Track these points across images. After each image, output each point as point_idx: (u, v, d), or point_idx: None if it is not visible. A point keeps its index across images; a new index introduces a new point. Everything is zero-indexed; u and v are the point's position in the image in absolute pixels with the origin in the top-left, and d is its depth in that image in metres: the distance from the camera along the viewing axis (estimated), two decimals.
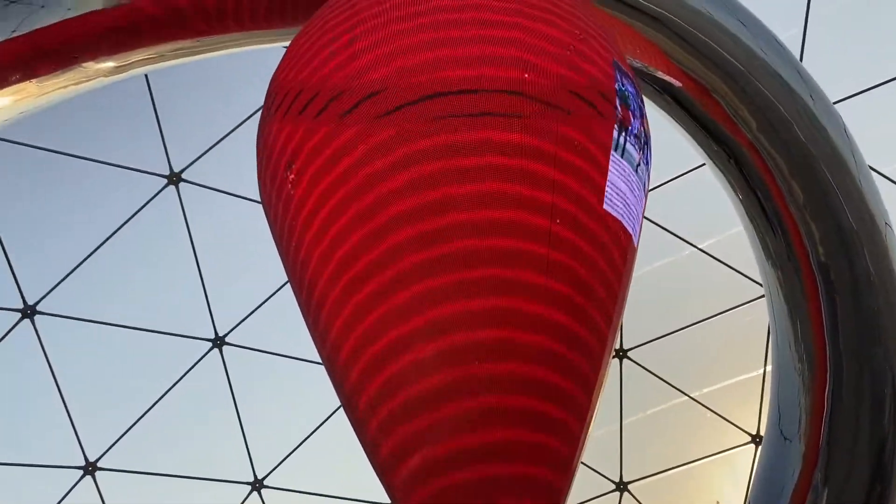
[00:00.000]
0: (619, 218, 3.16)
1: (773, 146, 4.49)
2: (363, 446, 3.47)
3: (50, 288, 9.52)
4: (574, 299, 3.02)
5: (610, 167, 3.07)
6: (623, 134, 3.21)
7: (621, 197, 3.16)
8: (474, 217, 2.97)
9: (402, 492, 3.14)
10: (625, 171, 3.17)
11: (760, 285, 10.25)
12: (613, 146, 3.12)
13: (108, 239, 9.73)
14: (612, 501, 11.78)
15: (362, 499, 12.22)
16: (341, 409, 9.93)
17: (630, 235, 3.29)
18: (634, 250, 3.33)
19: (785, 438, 3.84)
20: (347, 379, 3.39)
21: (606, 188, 3.07)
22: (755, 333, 11.78)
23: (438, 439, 2.97)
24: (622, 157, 3.21)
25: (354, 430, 3.54)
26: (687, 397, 11.50)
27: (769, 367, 11.05)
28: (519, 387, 2.95)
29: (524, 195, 2.96)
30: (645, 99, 3.76)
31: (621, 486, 11.79)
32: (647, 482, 12.02)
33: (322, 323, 3.53)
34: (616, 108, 3.24)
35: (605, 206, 3.12)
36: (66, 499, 9.60)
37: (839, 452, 3.81)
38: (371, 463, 3.45)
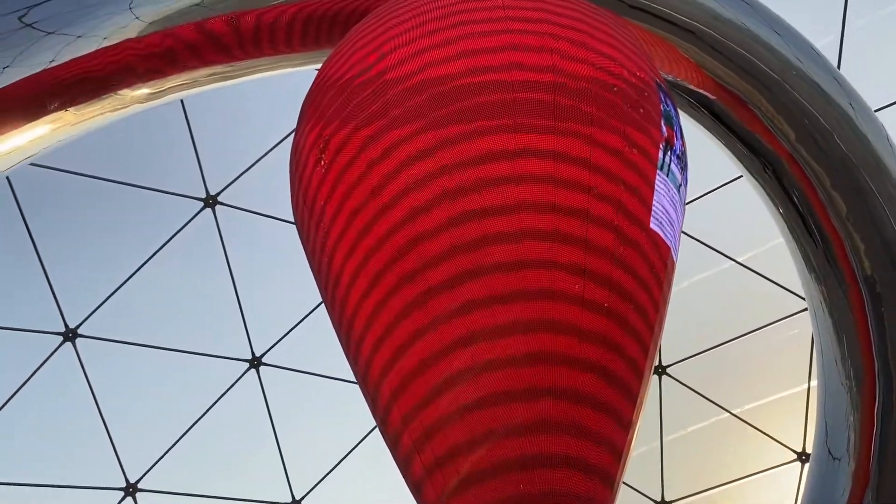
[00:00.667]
0: (663, 235, 3.15)
1: (813, 156, 4.39)
2: (397, 463, 3.44)
3: (91, 311, 9.68)
4: (618, 311, 2.98)
5: (656, 186, 3.08)
6: (668, 153, 3.21)
7: (665, 215, 3.15)
8: (513, 226, 2.95)
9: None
10: (669, 189, 3.17)
11: (802, 298, 10.05)
12: (659, 166, 3.13)
13: (146, 262, 9.89)
14: None
15: None
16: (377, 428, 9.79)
17: (670, 250, 3.27)
18: (674, 265, 3.31)
19: (833, 457, 3.72)
20: (381, 395, 3.37)
21: (653, 206, 3.07)
22: (798, 348, 11.51)
23: (474, 452, 2.93)
24: (667, 176, 3.22)
25: (388, 445, 3.52)
26: (728, 414, 11.25)
27: (814, 383, 10.79)
28: (560, 400, 2.91)
29: (578, 209, 2.96)
30: (680, 112, 3.73)
31: None
32: (689, 501, 11.76)
33: (354, 341, 3.52)
34: (662, 128, 3.25)
35: (652, 225, 3.11)
36: None
37: (890, 471, 3.68)
38: (406, 479, 3.41)
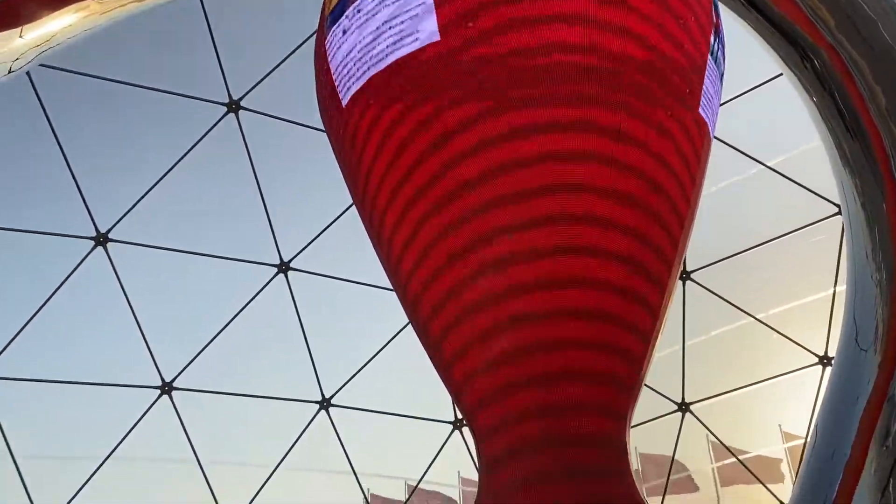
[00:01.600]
0: (708, 121, 3.15)
1: (855, 47, 4.22)
2: (427, 348, 3.51)
3: (120, 217, 9.82)
4: (648, 198, 2.97)
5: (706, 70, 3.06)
6: (717, 41, 3.19)
7: (709, 101, 3.14)
8: (549, 114, 2.91)
9: (462, 385, 3.17)
10: (714, 76, 3.15)
11: (830, 202, 9.95)
12: (710, 51, 3.10)
13: (174, 166, 9.93)
14: (675, 422, 11.80)
15: (423, 416, 12.58)
16: (403, 332, 10.03)
17: (710, 139, 3.26)
18: (709, 149, 3.31)
19: (861, 349, 3.75)
20: (411, 287, 3.42)
21: (702, 90, 3.06)
22: (824, 254, 11.45)
23: (502, 335, 2.98)
24: (715, 62, 3.20)
25: (418, 333, 3.58)
26: (752, 318, 11.32)
27: (840, 288, 10.79)
28: (585, 286, 2.93)
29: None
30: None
31: (683, 407, 11.79)
32: (710, 403, 11.98)
33: (386, 237, 3.56)
34: (713, 14, 3.21)
35: (700, 110, 3.10)
36: (145, 416, 10.09)
37: None
38: (434, 362, 3.48)
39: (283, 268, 10.98)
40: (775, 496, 11.55)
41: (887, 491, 3.84)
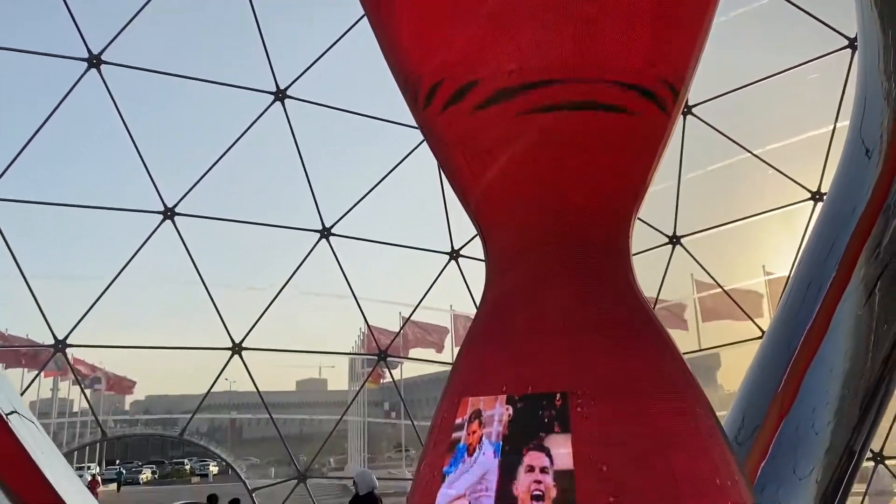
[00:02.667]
0: None
1: None
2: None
3: (113, 36, 9.55)
4: None
5: None
6: None
7: None
8: None
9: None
10: None
11: (834, 30, 9.76)
12: None
13: None
14: (664, 254, 12.16)
15: (419, 246, 12.90)
16: (403, 163, 9.91)
17: None
18: None
19: (866, 150, 3.84)
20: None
21: None
22: (824, 90, 11.38)
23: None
24: None
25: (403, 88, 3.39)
26: (749, 154, 11.39)
27: (840, 124, 10.78)
28: None
29: None
30: None
31: (674, 240, 12.11)
32: (700, 236, 12.30)
33: None
34: None
35: None
36: (150, 240, 10.30)
37: None
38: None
39: (281, 96, 10.84)
40: (757, 325, 12.11)
41: (873, 294, 4.07)
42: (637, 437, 2.14)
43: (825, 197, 4.48)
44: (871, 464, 10.89)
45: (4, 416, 1.67)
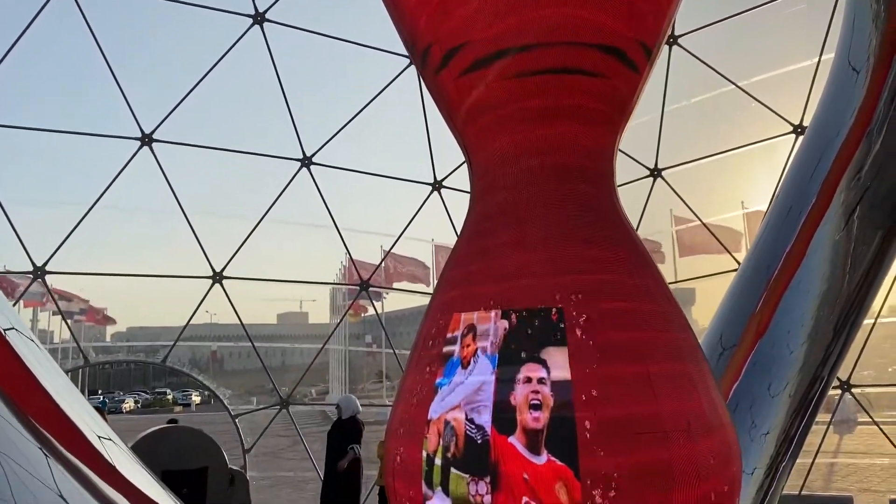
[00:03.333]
0: None
1: None
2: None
3: None
4: None
5: None
6: None
7: None
8: None
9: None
10: None
11: None
12: None
13: None
14: (645, 187, 12.19)
15: (402, 176, 12.84)
16: (385, 91, 9.84)
17: None
18: None
19: (853, 75, 3.84)
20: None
21: None
22: (810, 22, 11.30)
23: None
24: None
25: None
26: (733, 86, 11.34)
27: (825, 57, 10.73)
28: None
29: None
30: None
31: (655, 173, 12.14)
32: (682, 169, 12.33)
33: None
34: None
35: None
36: (128, 167, 10.15)
37: None
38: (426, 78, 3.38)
39: (259, 19, 10.57)
40: (734, 258, 12.26)
41: (851, 219, 4.13)
42: (624, 347, 2.22)
43: (810, 121, 4.50)
44: (838, 392, 11.22)
45: (3, 332, 1.68)
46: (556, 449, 1.77)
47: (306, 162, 11.45)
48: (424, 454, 2.00)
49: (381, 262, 15.38)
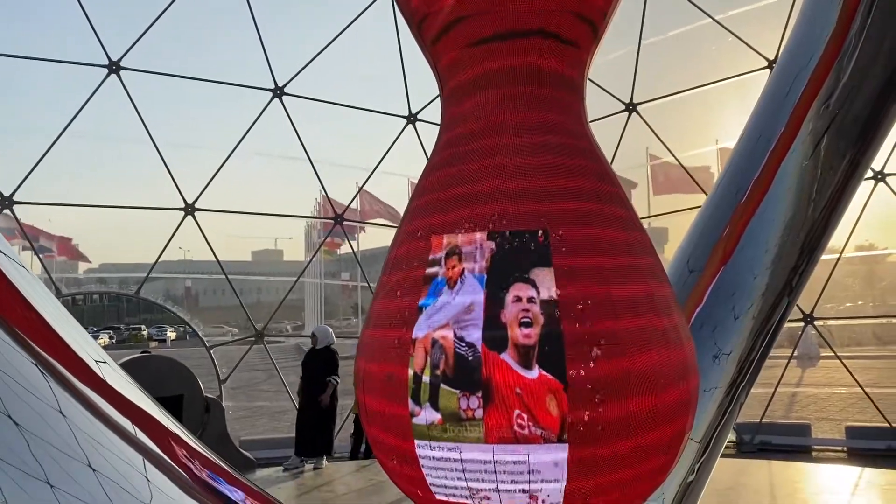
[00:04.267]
0: None
1: None
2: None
3: None
4: None
5: None
6: None
7: None
8: None
9: None
10: None
11: None
12: None
13: None
14: (620, 121, 12.20)
15: (376, 109, 12.71)
16: (355, 23, 9.69)
17: None
18: None
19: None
20: None
21: None
22: None
23: None
24: None
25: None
26: (710, 19, 11.27)
27: None
28: None
29: None
30: None
31: (630, 107, 12.13)
32: (657, 104, 12.33)
33: None
34: None
35: None
36: (95, 96, 9.92)
37: None
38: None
39: None
40: (706, 193, 12.39)
41: (818, 146, 4.19)
42: (598, 267, 2.31)
43: (782, 50, 4.52)
44: (801, 325, 11.54)
45: None
46: (547, 364, 1.88)
47: (278, 92, 11.27)
48: (411, 372, 2.08)
49: (355, 196, 15.32)
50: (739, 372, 4.24)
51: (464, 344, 2.16)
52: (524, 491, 2.00)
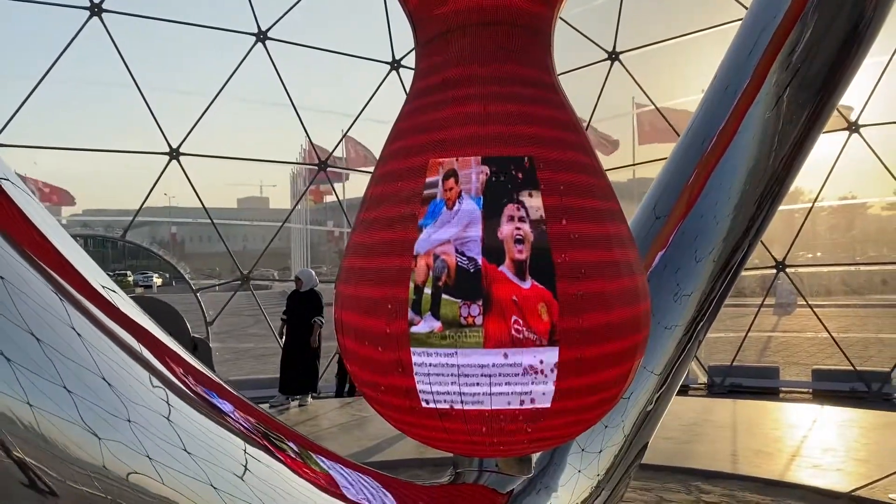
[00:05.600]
0: None
1: None
2: None
3: None
4: None
5: None
6: None
7: None
8: None
9: None
10: None
11: None
12: None
13: None
14: (603, 70, 12.28)
15: (360, 55, 12.71)
16: None
17: None
18: None
19: None
20: None
21: None
22: None
23: None
24: None
25: None
26: None
27: None
28: None
29: None
30: None
31: (613, 56, 12.20)
32: (639, 53, 12.40)
33: None
34: None
35: None
36: (76, 39, 9.89)
37: None
38: None
39: None
40: None
41: (781, 99, 4.39)
42: (579, 187, 2.47)
43: (749, 4, 4.69)
44: (773, 272, 11.87)
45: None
46: (539, 275, 2.09)
47: (261, 36, 11.25)
48: (412, 285, 2.28)
49: (339, 142, 15.36)
50: (699, 312, 4.51)
51: (465, 258, 2.40)
52: (515, 393, 2.27)
